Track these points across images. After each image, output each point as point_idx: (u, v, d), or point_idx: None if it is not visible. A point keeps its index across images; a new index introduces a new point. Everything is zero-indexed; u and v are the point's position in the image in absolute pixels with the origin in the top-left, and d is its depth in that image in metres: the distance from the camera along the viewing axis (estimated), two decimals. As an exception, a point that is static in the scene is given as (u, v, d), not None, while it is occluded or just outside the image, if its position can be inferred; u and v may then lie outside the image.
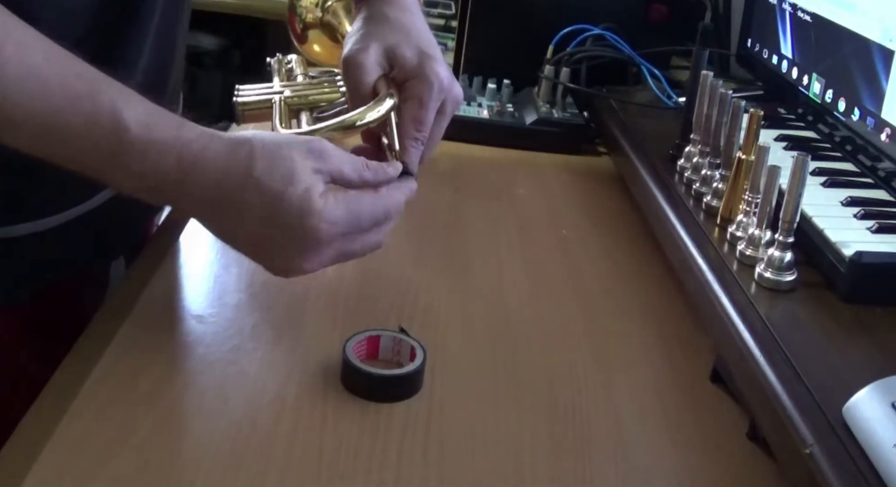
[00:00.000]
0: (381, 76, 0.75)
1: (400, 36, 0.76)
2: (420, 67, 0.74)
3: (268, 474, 0.56)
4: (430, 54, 0.75)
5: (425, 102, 0.73)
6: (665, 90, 1.14)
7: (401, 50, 0.75)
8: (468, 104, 1.18)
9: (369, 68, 0.74)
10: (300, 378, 0.65)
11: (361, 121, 0.72)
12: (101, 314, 0.71)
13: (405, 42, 0.75)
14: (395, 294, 0.78)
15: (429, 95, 0.73)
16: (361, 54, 0.74)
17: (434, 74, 0.73)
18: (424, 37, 0.77)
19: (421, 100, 0.73)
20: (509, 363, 0.70)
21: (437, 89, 0.73)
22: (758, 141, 0.75)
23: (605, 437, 0.63)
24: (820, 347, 0.62)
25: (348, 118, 0.73)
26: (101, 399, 0.61)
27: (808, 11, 0.98)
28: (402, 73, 0.74)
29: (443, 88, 0.74)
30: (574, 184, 1.06)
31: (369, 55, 0.74)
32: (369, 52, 0.74)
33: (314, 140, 0.65)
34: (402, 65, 0.74)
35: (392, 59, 0.75)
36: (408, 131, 0.73)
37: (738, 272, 0.70)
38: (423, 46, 0.76)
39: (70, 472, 0.55)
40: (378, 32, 0.76)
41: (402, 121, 0.73)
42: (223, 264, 0.80)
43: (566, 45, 1.19)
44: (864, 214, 0.74)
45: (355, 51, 0.75)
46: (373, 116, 0.72)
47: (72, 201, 0.74)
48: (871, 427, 0.51)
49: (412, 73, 0.74)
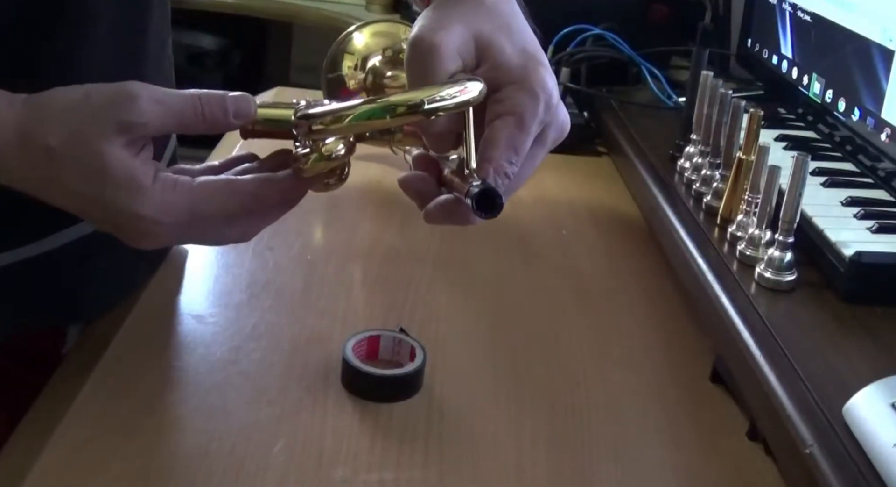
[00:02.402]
0: (460, 71, 0.55)
1: (496, 23, 0.56)
2: (524, 71, 0.55)
3: (268, 474, 0.56)
4: (538, 58, 0.56)
5: (526, 122, 0.53)
6: (665, 90, 1.14)
7: (498, 42, 0.55)
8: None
9: (447, 54, 0.54)
10: (300, 378, 0.65)
11: (432, 102, 0.51)
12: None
13: (503, 33, 0.56)
14: (395, 294, 0.78)
15: (532, 113, 0.54)
16: (440, 34, 0.54)
17: (541, 86, 0.54)
18: (528, 32, 0.58)
19: (522, 118, 0.53)
20: (509, 363, 0.70)
21: (544, 107, 0.54)
22: (758, 141, 0.75)
23: (604, 437, 0.63)
24: (820, 347, 0.62)
25: (408, 94, 0.52)
26: (101, 400, 0.61)
27: (808, 11, 0.98)
28: (495, 73, 0.55)
29: (550, 107, 0.55)
30: (574, 184, 1.06)
31: (451, 37, 0.54)
32: (451, 32, 0.54)
33: (118, 99, 0.51)
34: (497, 62, 0.55)
35: (484, 51, 0.55)
36: (495, 158, 0.53)
37: (738, 272, 0.70)
38: (528, 45, 0.56)
39: (70, 472, 0.55)
40: (464, 13, 0.55)
41: (490, 143, 0.54)
42: (223, 264, 0.80)
43: (566, 45, 1.19)
44: (864, 214, 0.74)
45: (429, 29, 0.54)
46: (451, 98, 0.51)
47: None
48: (871, 427, 0.51)
49: (511, 77, 0.55)
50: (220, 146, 1.04)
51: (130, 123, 0.51)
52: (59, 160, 0.50)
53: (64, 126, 0.50)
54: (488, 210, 0.51)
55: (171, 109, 0.52)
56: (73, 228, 0.65)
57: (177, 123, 0.53)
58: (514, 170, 0.54)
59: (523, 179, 0.56)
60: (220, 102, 0.53)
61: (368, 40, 0.66)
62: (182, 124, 0.53)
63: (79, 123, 0.50)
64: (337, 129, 0.52)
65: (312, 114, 0.52)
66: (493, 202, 0.51)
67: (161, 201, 0.52)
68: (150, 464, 0.56)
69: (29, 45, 0.59)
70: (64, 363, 0.66)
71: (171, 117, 0.52)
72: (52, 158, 0.50)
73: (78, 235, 0.65)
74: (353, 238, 0.87)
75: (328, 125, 0.52)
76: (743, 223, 0.74)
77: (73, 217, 0.64)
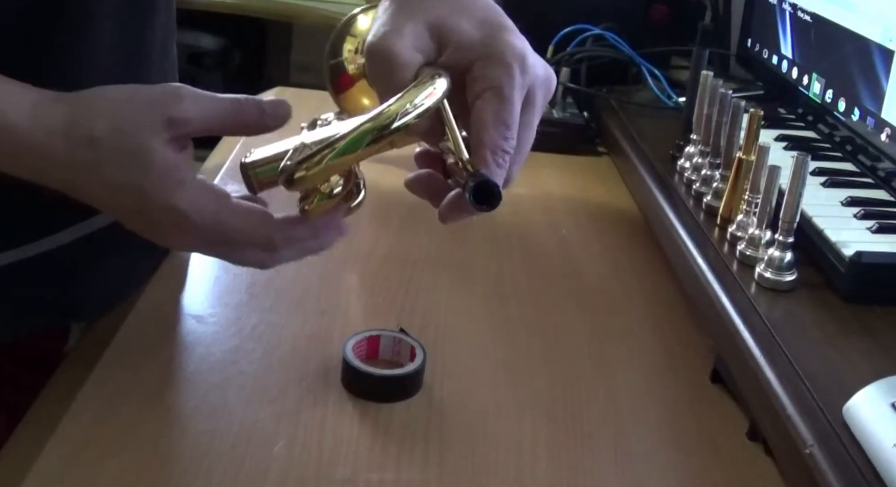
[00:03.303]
0: (423, 66, 0.54)
1: (448, 5, 0.55)
2: (488, 42, 0.53)
3: (268, 474, 0.56)
4: (498, 24, 0.54)
5: (506, 92, 0.52)
6: (665, 90, 1.15)
7: (454, 23, 0.54)
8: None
9: (404, 57, 0.53)
10: (300, 378, 0.65)
11: (397, 119, 0.49)
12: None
13: (457, 12, 0.54)
14: (395, 294, 0.78)
15: (509, 81, 0.52)
16: (392, 39, 0.53)
17: (510, 50, 0.52)
18: (486, 3, 0.56)
19: (500, 90, 0.52)
20: (509, 363, 0.70)
21: (519, 70, 0.52)
22: (758, 141, 0.75)
23: (605, 437, 0.63)
24: (820, 347, 0.62)
25: (375, 118, 0.49)
26: (101, 400, 0.61)
27: (808, 11, 0.98)
28: (460, 54, 0.53)
29: (525, 68, 0.53)
30: (574, 184, 1.06)
31: (403, 39, 0.53)
32: (403, 33, 0.53)
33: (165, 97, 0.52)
34: (459, 42, 0.54)
35: (442, 37, 0.54)
36: (488, 139, 0.51)
37: (738, 272, 0.70)
38: (487, 15, 0.55)
39: (70, 472, 0.55)
40: (412, 6, 0.55)
41: (478, 125, 0.52)
42: (223, 264, 0.79)
43: (566, 45, 1.19)
44: (864, 214, 0.74)
45: (381, 37, 0.54)
46: (415, 107, 0.50)
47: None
48: (871, 426, 0.51)
49: (478, 53, 0.53)
50: (220, 147, 1.04)
51: (176, 119, 0.51)
52: (103, 150, 0.51)
53: (110, 119, 0.51)
54: (487, 202, 0.50)
55: (214, 109, 0.53)
56: (74, 227, 0.65)
57: (219, 124, 0.54)
58: (512, 144, 0.52)
59: (526, 147, 0.55)
60: (258, 104, 0.54)
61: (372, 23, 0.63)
62: (223, 125, 0.54)
63: (125, 117, 0.51)
64: (318, 173, 0.51)
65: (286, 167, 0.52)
66: (491, 193, 0.50)
67: (197, 198, 0.52)
68: (150, 464, 0.56)
69: (30, 46, 0.59)
70: (64, 363, 0.66)
71: (215, 117, 0.53)
72: (95, 147, 0.50)
73: (78, 235, 0.66)
74: (353, 238, 0.87)
75: (308, 173, 0.51)
76: (743, 223, 0.74)
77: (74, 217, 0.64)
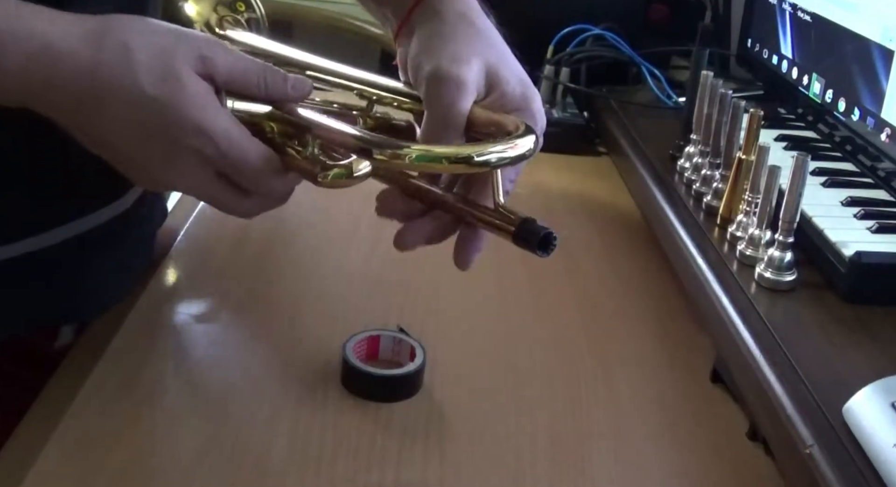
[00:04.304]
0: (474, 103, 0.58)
1: (496, 53, 0.60)
2: (525, 100, 0.59)
3: (268, 474, 0.56)
4: (530, 84, 0.61)
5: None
6: (665, 90, 1.15)
7: (503, 73, 0.59)
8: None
9: (472, 88, 0.57)
10: (300, 378, 0.65)
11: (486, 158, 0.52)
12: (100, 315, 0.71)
13: (503, 63, 0.60)
14: (395, 294, 0.78)
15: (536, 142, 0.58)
16: (463, 69, 0.57)
17: (539, 114, 0.60)
18: (516, 60, 0.62)
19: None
20: (509, 362, 0.70)
21: (540, 132, 0.59)
22: (758, 141, 0.75)
23: (605, 437, 0.63)
24: (820, 347, 0.62)
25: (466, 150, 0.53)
26: (102, 400, 0.61)
27: (808, 11, 0.98)
28: (502, 102, 0.59)
29: (543, 128, 0.60)
30: (574, 184, 1.06)
31: (472, 72, 0.57)
32: (471, 67, 0.57)
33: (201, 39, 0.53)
34: (504, 92, 0.59)
35: (491, 80, 0.59)
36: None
37: (738, 272, 0.70)
38: (522, 74, 0.61)
39: (70, 472, 0.55)
40: (470, 43, 0.59)
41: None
42: (223, 264, 0.80)
43: (566, 45, 1.19)
44: (864, 214, 0.74)
45: (451, 63, 0.57)
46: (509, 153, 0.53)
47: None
48: (871, 427, 0.51)
49: (515, 105, 0.59)
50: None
51: (206, 57, 0.52)
52: (138, 61, 0.51)
53: (148, 36, 0.52)
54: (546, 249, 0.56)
55: (242, 61, 0.55)
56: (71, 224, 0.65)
57: (243, 80, 0.55)
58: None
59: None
60: (284, 74, 0.56)
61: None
62: (246, 84, 0.55)
63: (161, 38, 0.52)
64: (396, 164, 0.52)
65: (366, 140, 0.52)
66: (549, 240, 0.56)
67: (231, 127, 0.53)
68: (150, 464, 0.56)
69: None
70: (64, 363, 0.65)
71: (241, 71, 0.55)
72: (130, 57, 0.50)
73: (76, 231, 0.65)
74: (353, 238, 0.87)
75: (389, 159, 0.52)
76: (743, 223, 0.74)
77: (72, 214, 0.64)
